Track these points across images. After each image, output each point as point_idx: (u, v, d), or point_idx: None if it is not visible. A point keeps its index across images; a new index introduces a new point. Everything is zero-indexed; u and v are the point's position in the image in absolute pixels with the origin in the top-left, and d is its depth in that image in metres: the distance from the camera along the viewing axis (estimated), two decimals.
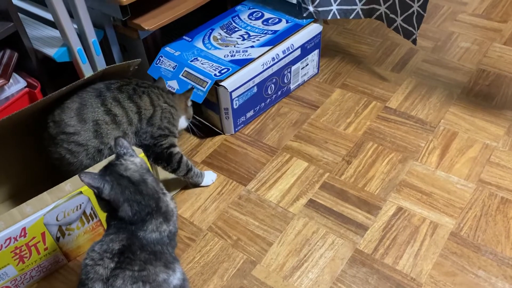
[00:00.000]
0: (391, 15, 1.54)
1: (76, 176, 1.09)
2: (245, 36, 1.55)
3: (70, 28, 1.27)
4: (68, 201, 1.09)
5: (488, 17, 1.91)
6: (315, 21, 1.61)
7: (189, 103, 1.35)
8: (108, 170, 0.91)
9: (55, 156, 1.14)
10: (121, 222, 0.90)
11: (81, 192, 1.10)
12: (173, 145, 1.24)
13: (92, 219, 1.17)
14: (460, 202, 1.27)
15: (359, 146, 1.45)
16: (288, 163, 1.42)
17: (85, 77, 1.18)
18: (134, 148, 1.06)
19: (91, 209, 1.15)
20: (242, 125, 1.56)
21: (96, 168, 1.07)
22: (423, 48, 1.79)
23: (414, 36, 1.53)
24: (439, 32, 1.86)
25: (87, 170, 1.03)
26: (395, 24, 1.56)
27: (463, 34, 1.84)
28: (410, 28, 1.52)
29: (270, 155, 1.45)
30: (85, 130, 1.12)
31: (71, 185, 1.09)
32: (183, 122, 1.33)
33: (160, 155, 1.22)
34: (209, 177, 1.38)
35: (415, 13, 1.47)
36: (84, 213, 1.14)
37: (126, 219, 0.90)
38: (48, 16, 1.43)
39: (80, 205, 1.12)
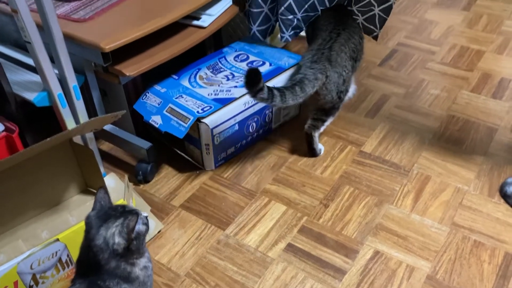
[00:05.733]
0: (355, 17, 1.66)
1: (53, 223, 1.08)
2: (230, 77, 1.60)
3: (51, 73, 1.28)
4: (44, 249, 1.07)
5: (456, 65, 2.01)
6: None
7: None
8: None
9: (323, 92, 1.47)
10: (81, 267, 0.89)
11: (57, 240, 1.08)
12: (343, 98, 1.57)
13: (68, 266, 1.15)
14: (435, 245, 1.30)
15: (336, 190, 1.48)
16: (266, 207, 1.43)
17: (68, 130, 1.18)
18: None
19: (67, 256, 1.13)
20: (223, 161, 1.59)
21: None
22: (396, 94, 1.87)
23: (375, 33, 1.65)
24: (410, 79, 1.94)
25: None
26: (357, 21, 1.66)
27: (433, 81, 1.93)
28: (371, 27, 1.64)
29: (248, 198, 1.46)
30: (334, 72, 1.46)
31: (48, 232, 1.07)
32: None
33: (335, 106, 1.54)
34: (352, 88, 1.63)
35: (377, 16, 1.59)
36: (59, 260, 1.12)
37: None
38: (29, 61, 1.44)
39: (56, 252, 1.10)
